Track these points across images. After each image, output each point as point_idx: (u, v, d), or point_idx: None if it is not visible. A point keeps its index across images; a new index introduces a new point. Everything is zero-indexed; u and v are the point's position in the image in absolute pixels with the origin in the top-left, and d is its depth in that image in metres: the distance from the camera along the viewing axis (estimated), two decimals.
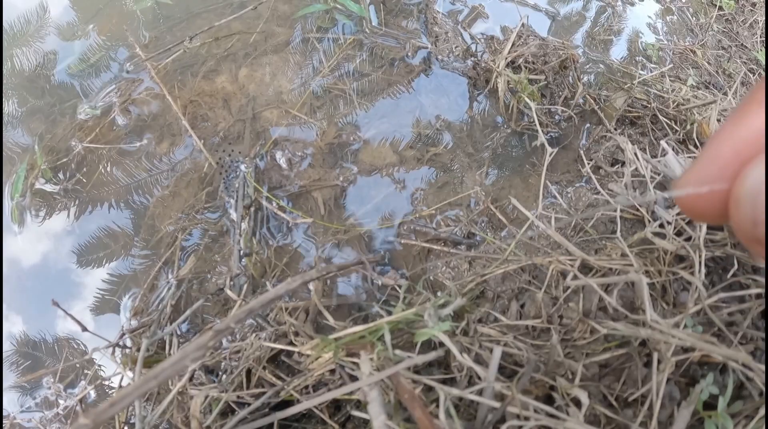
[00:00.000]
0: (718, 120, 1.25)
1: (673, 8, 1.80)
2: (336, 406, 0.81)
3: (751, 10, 1.95)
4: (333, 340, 0.73)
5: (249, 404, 0.79)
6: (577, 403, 0.69)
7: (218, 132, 1.24)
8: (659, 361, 0.71)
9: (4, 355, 1.10)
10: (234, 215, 1.13)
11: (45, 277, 1.16)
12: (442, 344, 0.72)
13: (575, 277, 0.83)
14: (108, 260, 1.15)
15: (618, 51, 1.61)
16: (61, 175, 1.21)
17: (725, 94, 1.54)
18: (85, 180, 1.21)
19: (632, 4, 1.74)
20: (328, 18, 1.42)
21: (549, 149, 1.10)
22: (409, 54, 1.39)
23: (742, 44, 1.82)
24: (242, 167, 1.19)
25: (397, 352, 0.70)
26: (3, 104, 1.29)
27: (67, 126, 1.26)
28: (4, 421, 1.05)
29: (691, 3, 1.84)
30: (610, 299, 0.77)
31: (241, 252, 1.09)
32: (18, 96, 1.31)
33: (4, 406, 1.07)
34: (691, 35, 1.75)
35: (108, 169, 1.21)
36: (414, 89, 1.34)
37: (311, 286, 0.98)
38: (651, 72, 1.55)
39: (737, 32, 1.85)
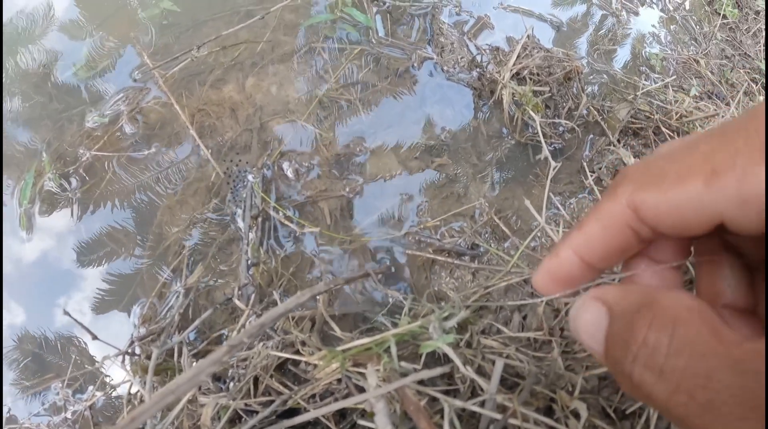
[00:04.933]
0: None
1: (677, 17, 1.81)
2: (341, 414, 0.83)
3: (755, 18, 1.95)
4: (340, 351, 0.74)
5: (257, 412, 0.80)
6: (577, 415, 0.70)
7: (226, 141, 1.26)
8: None
9: (10, 357, 1.12)
10: (242, 225, 1.15)
11: (50, 283, 1.17)
12: (446, 356, 0.74)
13: None
14: (115, 268, 1.16)
15: (621, 61, 1.62)
16: (69, 183, 1.22)
17: (728, 104, 1.55)
18: (92, 188, 1.22)
19: (636, 14, 1.75)
20: (335, 28, 1.43)
21: (553, 163, 1.12)
22: (415, 64, 1.40)
23: (745, 53, 1.82)
24: (250, 177, 1.20)
25: (403, 363, 0.71)
26: (3, 106, 1.30)
27: (75, 133, 1.27)
28: (14, 427, 1.07)
29: (694, 12, 1.85)
30: None
31: (249, 261, 1.10)
32: (24, 98, 1.32)
33: (14, 413, 1.08)
34: (695, 44, 1.76)
35: (116, 177, 1.23)
36: (419, 100, 1.36)
37: (318, 297, 1.00)
38: (654, 83, 1.56)
39: (740, 41, 1.86)
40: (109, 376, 1.08)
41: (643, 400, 0.29)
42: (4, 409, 1.08)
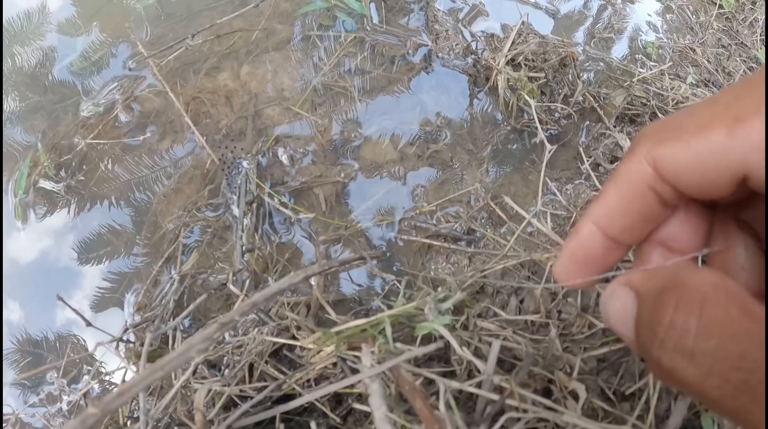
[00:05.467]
0: None
1: (673, 6, 1.80)
2: (337, 400, 0.82)
3: (751, 9, 1.95)
4: (335, 333, 0.74)
5: (251, 398, 0.80)
6: (575, 396, 0.70)
7: (220, 129, 1.25)
8: None
9: (6, 353, 1.11)
10: (236, 211, 1.14)
11: (46, 274, 1.16)
12: (442, 337, 0.73)
13: None
14: (110, 257, 1.15)
15: (618, 49, 1.62)
16: (64, 172, 1.22)
17: None
18: (87, 177, 1.22)
19: (632, 2, 1.75)
20: (330, 15, 1.43)
21: (548, 146, 1.11)
22: (410, 52, 1.39)
23: (741, 42, 1.82)
24: (244, 164, 1.20)
25: (398, 345, 0.71)
26: (3, 102, 1.30)
27: (70, 123, 1.27)
28: (8, 418, 1.06)
29: (691, 1, 1.85)
30: None
31: (244, 247, 1.10)
32: (19, 93, 1.31)
33: (7, 403, 1.08)
34: (691, 33, 1.76)
35: (110, 166, 1.22)
36: (415, 87, 1.35)
37: (313, 281, 0.99)
38: (650, 70, 1.55)
39: (737, 30, 1.85)
40: (103, 363, 1.07)
41: (675, 386, 0.28)
42: (6, 408, 1.07)
